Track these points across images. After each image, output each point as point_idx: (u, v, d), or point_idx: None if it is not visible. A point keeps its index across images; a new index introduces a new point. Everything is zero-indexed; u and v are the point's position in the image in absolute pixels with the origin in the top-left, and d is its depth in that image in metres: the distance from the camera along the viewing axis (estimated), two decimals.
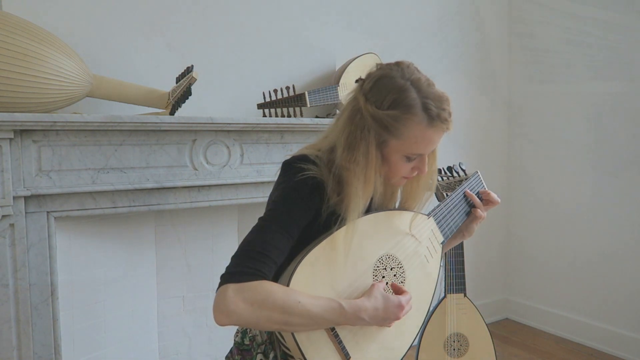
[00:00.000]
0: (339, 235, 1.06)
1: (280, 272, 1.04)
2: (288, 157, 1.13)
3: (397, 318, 1.07)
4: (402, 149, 1.08)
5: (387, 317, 1.05)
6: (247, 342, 1.15)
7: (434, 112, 1.04)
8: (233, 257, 0.98)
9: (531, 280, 3.07)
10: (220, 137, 1.79)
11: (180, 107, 1.69)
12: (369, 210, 1.17)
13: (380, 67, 1.11)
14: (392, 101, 1.04)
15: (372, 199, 1.19)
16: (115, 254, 1.82)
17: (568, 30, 2.79)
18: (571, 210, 2.83)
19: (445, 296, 2.03)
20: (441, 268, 2.05)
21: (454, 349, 2.02)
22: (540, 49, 2.94)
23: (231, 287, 0.92)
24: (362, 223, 1.10)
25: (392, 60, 1.15)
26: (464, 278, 2.03)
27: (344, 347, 1.04)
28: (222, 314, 0.92)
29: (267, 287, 0.94)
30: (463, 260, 2.04)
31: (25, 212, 1.46)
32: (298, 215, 1.04)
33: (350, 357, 1.04)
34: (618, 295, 2.62)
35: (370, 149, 1.06)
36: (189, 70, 1.70)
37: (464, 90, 2.94)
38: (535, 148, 3.01)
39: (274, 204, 1.06)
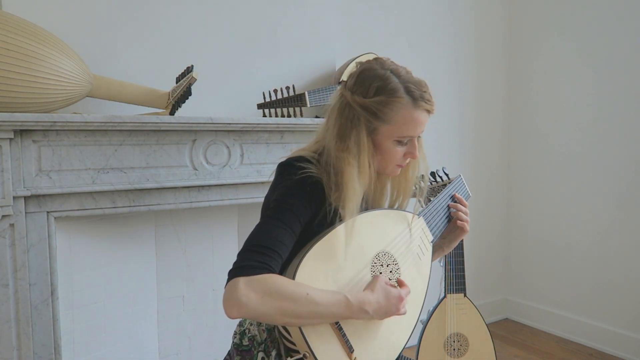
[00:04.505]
0: (340, 232, 1.09)
1: (284, 268, 1.06)
2: (283, 159, 1.15)
3: (398, 310, 1.10)
4: (393, 133, 1.12)
5: (388, 310, 1.08)
6: (246, 342, 1.15)
7: (416, 94, 1.11)
8: (239, 254, 0.99)
9: (531, 280, 3.07)
10: (220, 137, 1.79)
11: (180, 107, 1.69)
12: (365, 210, 1.20)
13: (360, 64, 1.17)
14: (377, 88, 1.10)
15: (365, 198, 1.23)
16: (115, 254, 1.82)
17: (571, 32, 2.80)
18: (571, 210, 2.83)
19: (445, 296, 2.03)
20: (441, 268, 2.06)
21: (454, 349, 2.02)
22: (542, 49, 2.95)
23: (241, 280, 0.94)
24: (360, 220, 1.13)
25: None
26: (464, 278, 2.03)
27: (348, 340, 1.06)
28: (233, 306, 0.93)
29: (277, 279, 0.96)
30: (463, 260, 2.04)
31: (25, 212, 1.46)
32: (300, 212, 1.06)
33: (353, 350, 1.07)
34: (618, 295, 2.62)
35: (362, 136, 1.11)
36: (189, 70, 1.70)
37: (464, 91, 2.94)
38: (535, 150, 3.01)
39: (275, 202, 1.07)
